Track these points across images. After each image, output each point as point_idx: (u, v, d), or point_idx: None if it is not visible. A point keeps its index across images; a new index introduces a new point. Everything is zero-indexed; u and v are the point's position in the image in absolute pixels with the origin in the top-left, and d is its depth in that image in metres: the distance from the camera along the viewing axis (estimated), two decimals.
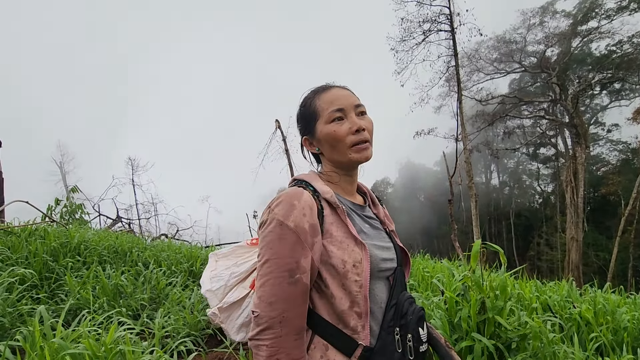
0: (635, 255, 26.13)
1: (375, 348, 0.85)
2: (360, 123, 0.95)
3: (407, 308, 0.90)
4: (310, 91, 1.05)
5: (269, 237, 0.84)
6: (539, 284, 3.72)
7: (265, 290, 0.81)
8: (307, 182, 0.96)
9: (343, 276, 0.85)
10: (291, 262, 0.81)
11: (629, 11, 24.71)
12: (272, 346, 0.78)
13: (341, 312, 0.85)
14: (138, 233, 9.88)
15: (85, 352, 1.66)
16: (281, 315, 0.79)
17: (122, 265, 4.60)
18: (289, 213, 0.84)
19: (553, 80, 28.24)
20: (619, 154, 32.77)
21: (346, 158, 0.97)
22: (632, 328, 2.57)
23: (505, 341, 1.85)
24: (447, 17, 16.82)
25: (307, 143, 1.06)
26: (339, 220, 0.91)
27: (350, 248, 0.87)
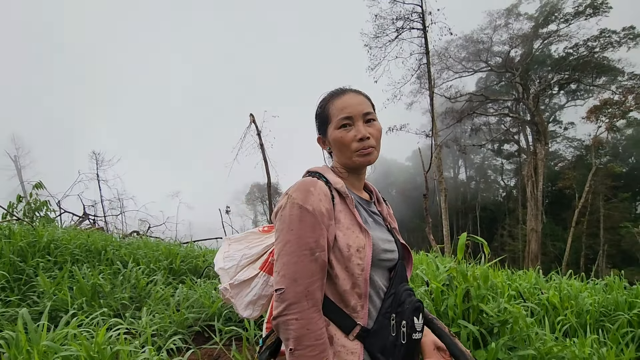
0: (587, 244, 28.25)
1: (371, 330, 0.93)
2: (364, 132, 1.02)
3: (405, 298, 0.98)
4: (327, 94, 1.12)
5: (289, 219, 0.91)
6: (509, 273, 3.98)
7: (290, 268, 0.87)
8: (320, 173, 1.04)
9: (347, 259, 0.92)
10: (311, 241, 0.88)
11: (585, 16, 26.36)
12: (301, 319, 0.83)
13: (343, 292, 0.92)
14: (110, 230, 9.48)
15: (79, 353, 1.62)
16: (306, 290, 0.85)
17: (97, 264, 4.43)
18: (307, 198, 0.91)
19: (516, 79, 29.70)
20: (574, 150, 35.13)
21: (350, 161, 1.05)
22: (593, 311, 2.84)
23: (487, 327, 2.00)
24: (419, 16, 17.24)
25: (321, 142, 1.15)
26: (347, 209, 0.99)
27: (355, 234, 0.95)
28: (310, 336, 0.83)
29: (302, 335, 0.83)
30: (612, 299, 2.94)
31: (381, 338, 0.92)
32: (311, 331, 0.84)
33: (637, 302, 2.89)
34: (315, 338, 0.84)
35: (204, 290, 3.41)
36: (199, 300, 3.22)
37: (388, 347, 0.91)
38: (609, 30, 25.58)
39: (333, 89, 1.12)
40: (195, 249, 6.39)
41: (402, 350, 0.92)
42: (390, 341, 0.92)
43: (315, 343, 0.83)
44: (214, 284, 3.80)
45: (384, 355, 0.91)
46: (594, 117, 27.65)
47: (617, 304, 2.90)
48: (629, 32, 25.11)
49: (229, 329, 2.87)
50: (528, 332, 2.06)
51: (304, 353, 0.82)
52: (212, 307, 3.05)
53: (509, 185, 42.31)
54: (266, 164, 15.29)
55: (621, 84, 26.46)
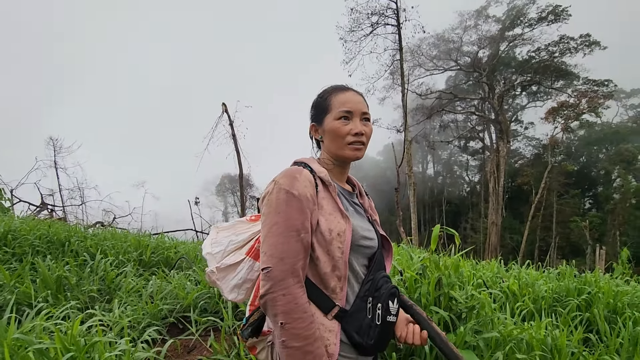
0: (541, 237, 30.26)
1: (349, 311, 0.99)
2: (361, 128, 1.09)
3: (382, 284, 1.05)
4: (330, 87, 1.17)
5: (276, 203, 0.95)
6: (474, 263, 4.23)
7: (277, 248, 0.92)
8: (305, 163, 1.09)
9: (329, 243, 0.98)
10: (298, 223, 0.93)
11: (547, 22, 27.83)
12: (288, 294, 0.88)
13: (324, 274, 0.98)
14: (72, 221, 8.99)
15: (54, 346, 1.57)
16: (292, 268, 0.91)
17: (60, 256, 4.23)
18: (293, 183, 0.96)
19: (483, 79, 30.96)
20: (532, 149, 37.33)
21: (341, 152, 1.11)
22: (548, 297, 3.10)
23: (456, 312, 2.15)
24: (394, 12, 17.48)
25: (314, 129, 1.19)
26: (330, 196, 1.05)
27: (336, 220, 1.01)
28: (298, 309, 0.89)
29: (290, 310, 0.88)
30: (564, 286, 3.22)
31: (358, 319, 0.99)
32: (298, 305, 0.89)
33: (585, 288, 3.18)
34: (302, 311, 0.89)
35: (178, 282, 3.36)
36: (173, 292, 3.17)
37: (364, 328, 0.98)
38: (568, 36, 27.19)
39: (336, 84, 1.17)
40: (166, 240, 6.23)
41: (377, 331, 0.99)
42: (366, 322, 0.99)
43: (304, 315, 0.89)
44: (188, 275, 3.75)
45: (359, 334, 0.98)
46: (552, 118, 29.45)
47: (568, 290, 3.18)
48: (585, 40, 26.81)
49: (205, 320, 2.86)
50: (492, 317, 2.23)
51: (295, 325, 0.87)
52: (187, 298, 3.02)
53: (473, 180, 44.35)
54: (238, 155, 15.00)
55: (576, 87, 28.32)
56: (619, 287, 3.18)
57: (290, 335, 0.87)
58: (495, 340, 2.07)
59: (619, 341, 2.47)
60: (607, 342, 2.52)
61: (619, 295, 3.02)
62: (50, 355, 1.56)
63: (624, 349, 2.39)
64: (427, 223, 43.04)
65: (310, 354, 0.87)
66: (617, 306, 2.94)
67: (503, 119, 30.57)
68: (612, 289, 3.08)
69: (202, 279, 3.44)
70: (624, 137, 33.65)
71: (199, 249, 5.95)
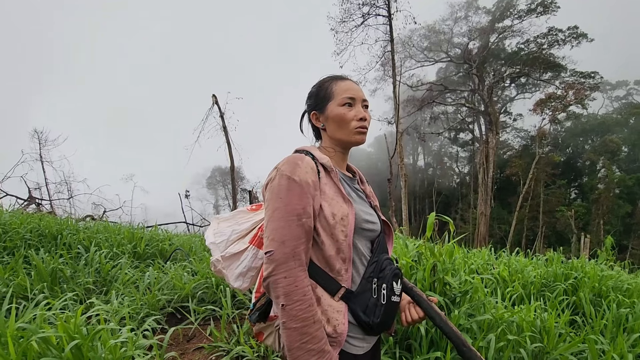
0: (528, 227, 30.92)
1: (355, 292, 1.03)
2: (364, 114, 1.14)
3: (385, 265, 1.10)
4: (327, 76, 1.19)
5: (278, 189, 0.98)
6: (465, 251, 4.33)
7: (278, 232, 0.95)
8: (307, 150, 1.12)
9: (332, 227, 1.00)
10: (298, 208, 0.96)
11: (536, 14, 28.04)
12: (289, 277, 0.92)
13: (329, 257, 1.01)
14: (61, 215, 8.85)
15: (58, 334, 1.58)
16: (293, 251, 0.94)
17: (53, 250, 4.19)
18: (295, 170, 0.99)
19: (473, 71, 31.14)
20: (521, 140, 37.88)
21: (348, 137, 1.14)
22: (537, 282, 3.21)
23: (450, 297, 2.22)
24: (385, 2, 17.38)
25: (315, 118, 1.20)
26: (332, 182, 1.08)
27: (339, 204, 1.03)
28: (298, 292, 0.92)
29: (291, 292, 0.91)
30: (552, 271, 3.34)
31: (364, 299, 1.03)
32: (299, 287, 0.92)
33: (572, 273, 3.31)
34: (302, 294, 0.92)
35: (175, 273, 3.37)
36: (171, 282, 3.19)
37: (370, 307, 1.03)
38: (556, 28, 27.45)
39: (333, 74, 1.20)
40: (159, 232, 6.21)
41: (382, 310, 1.04)
42: (371, 302, 1.03)
43: (303, 298, 0.92)
44: (185, 266, 3.76)
45: (366, 314, 1.02)
46: (540, 109, 29.85)
47: (555, 275, 3.30)
48: (573, 32, 27.11)
49: (203, 309, 2.89)
50: (484, 301, 2.31)
51: (294, 307, 0.91)
52: (184, 288, 3.04)
53: (463, 172, 44.89)
54: (229, 147, 14.85)
55: (564, 79, 28.69)
56: (603, 272, 3.31)
57: (290, 317, 0.91)
58: (487, 323, 2.15)
59: (604, 322, 2.58)
60: (592, 324, 2.64)
61: (603, 280, 3.14)
62: (53, 343, 1.57)
63: (608, 329, 2.50)
64: (417, 214, 43.55)
65: (308, 335, 0.90)
66: (602, 290, 3.06)
67: (492, 111, 30.88)
68: (598, 274, 3.20)
69: (199, 270, 3.46)
70: (609, 128, 34.40)
71: (193, 241, 5.96)
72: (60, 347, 1.56)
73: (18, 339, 1.67)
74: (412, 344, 2.12)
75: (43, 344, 1.60)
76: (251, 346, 2.33)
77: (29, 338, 1.61)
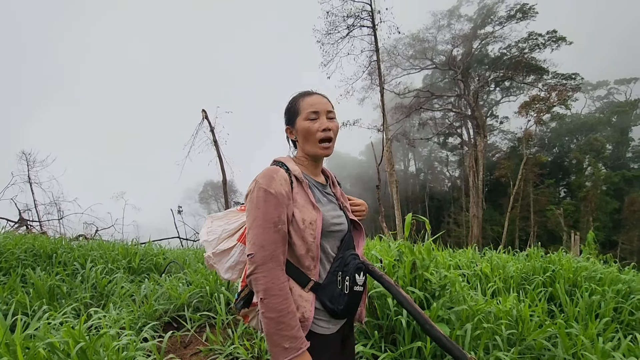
0: (520, 227, 31.32)
1: (322, 284, 1.20)
2: (327, 124, 1.28)
3: (349, 260, 1.27)
4: (297, 93, 1.36)
5: (257, 200, 1.13)
6: (451, 251, 4.51)
7: (258, 237, 1.10)
8: (282, 162, 1.28)
9: (302, 230, 1.17)
10: (274, 217, 1.12)
11: (515, 19, 28.98)
12: (267, 275, 1.08)
13: (299, 256, 1.18)
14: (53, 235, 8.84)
15: (65, 339, 1.69)
16: (271, 254, 1.10)
17: (49, 268, 4.25)
18: (270, 183, 1.14)
19: (458, 77, 31.86)
20: (508, 142, 38.60)
21: (314, 149, 1.30)
22: (516, 276, 3.38)
23: (430, 292, 2.37)
24: (369, 14, 17.86)
25: (289, 131, 1.37)
26: (303, 191, 1.24)
27: (309, 211, 1.19)
28: (275, 288, 1.08)
29: (269, 288, 1.07)
30: (531, 265, 3.52)
31: (330, 289, 1.20)
32: (275, 284, 1.08)
33: (549, 267, 3.49)
34: (279, 289, 1.09)
35: (170, 284, 3.48)
36: (167, 293, 3.29)
37: (335, 296, 1.20)
38: (536, 33, 28.36)
39: (303, 90, 1.36)
40: (153, 247, 6.28)
41: (345, 299, 1.22)
42: (336, 292, 1.21)
43: (279, 293, 1.08)
44: (180, 278, 3.86)
45: (331, 302, 1.20)
46: (525, 111, 30.54)
47: (534, 269, 3.48)
48: (552, 35, 28.01)
49: (199, 317, 3.00)
50: (463, 293, 2.47)
51: (271, 300, 1.07)
52: (180, 298, 3.15)
53: (454, 175, 45.44)
54: (221, 161, 14.92)
55: (546, 82, 29.48)
56: (578, 263, 3.50)
57: (267, 308, 1.07)
58: (466, 314, 2.31)
59: (577, 310, 2.76)
60: (567, 312, 2.81)
61: (578, 271, 3.33)
62: (59, 348, 1.68)
63: (581, 316, 2.68)
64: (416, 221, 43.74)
65: (282, 323, 1.07)
66: (577, 280, 3.24)
67: (479, 115, 31.55)
68: (572, 266, 3.39)
69: (194, 280, 3.57)
70: (593, 127, 35.31)
71: (187, 254, 6.04)
72: (66, 352, 1.67)
73: (25, 348, 1.77)
74: (396, 337, 2.27)
75: (50, 352, 1.71)
76: (246, 347, 2.45)
77: (36, 346, 1.72)
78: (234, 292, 3.31)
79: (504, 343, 2.17)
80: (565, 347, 2.14)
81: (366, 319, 2.43)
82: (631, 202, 26.88)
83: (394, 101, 31.43)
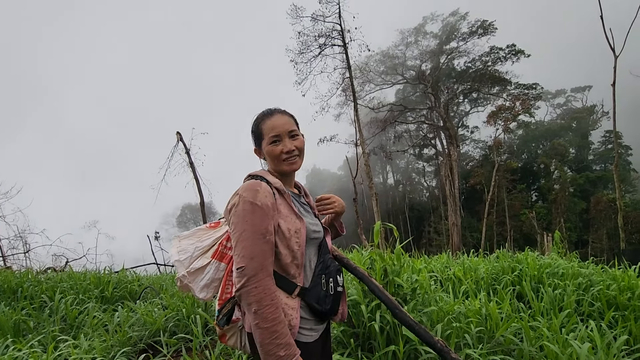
0: (498, 232, 32.22)
1: (308, 288, 1.25)
2: (290, 146, 1.32)
3: (329, 263, 1.35)
4: (260, 114, 1.40)
5: (243, 213, 1.15)
6: (427, 257, 4.63)
7: (247, 250, 1.12)
8: (261, 176, 1.31)
9: (288, 239, 1.21)
10: (262, 228, 1.14)
11: (477, 35, 30.72)
12: (259, 286, 1.09)
13: (285, 265, 1.21)
14: (19, 268, 8.38)
15: None
16: (261, 265, 1.12)
17: (14, 303, 4.05)
18: (256, 195, 1.17)
19: (429, 90, 33.13)
20: (480, 150, 40.14)
21: (280, 168, 1.36)
22: (487, 277, 3.52)
23: (402, 296, 2.45)
24: (339, 33, 18.49)
25: (257, 152, 1.42)
26: (285, 202, 1.29)
27: (293, 220, 1.24)
28: (267, 298, 1.10)
29: (262, 299, 1.09)
30: (499, 266, 3.68)
31: (316, 292, 1.26)
32: (267, 294, 1.11)
33: (517, 266, 3.66)
34: (271, 299, 1.12)
35: (145, 310, 3.39)
36: (141, 319, 3.21)
37: (321, 298, 1.27)
38: (497, 47, 30.09)
39: (264, 110, 1.40)
40: (127, 275, 6.08)
41: (331, 299, 1.29)
42: (322, 294, 1.27)
43: (272, 302, 1.11)
44: (155, 303, 3.77)
45: (319, 304, 1.26)
46: (493, 121, 32.01)
47: (503, 269, 3.63)
48: (511, 49, 29.78)
49: (175, 342, 2.94)
50: (434, 296, 2.56)
51: (265, 310, 1.09)
52: (155, 323, 3.08)
53: (431, 185, 46.53)
54: (198, 183, 14.68)
55: (510, 92, 31.15)
56: (541, 261, 3.69)
57: (262, 319, 1.08)
58: (437, 315, 2.39)
59: (542, 305, 2.90)
60: (534, 307, 2.95)
61: (542, 268, 3.50)
62: None
63: (546, 310, 2.82)
64: (392, 231, 44.14)
65: (277, 332, 1.09)
66: (542, 277, 3.41)
67: (450, 126, 32.78)
68: (537, 264, 3.57)
69: (170, 304, 3.50)
70: (556, 133, 37.29)
71: (164, 279, 5.88)
72: None
73: None
74: (372, 344, 2.31)
75: None
76: None
77: None
78: (211, 313, 3.26)
79: (474, 340, 2.26)
80: (529, 340, 2.25)
81: (342, 327, 2.47)
82: (597, 201, 28.28)
83: (369, 116, 32.22)
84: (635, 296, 2.96)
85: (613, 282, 3.19)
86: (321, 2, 17.32)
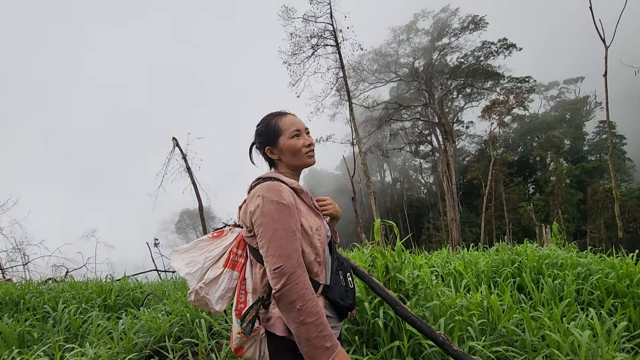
0: (497, 226, 32.35)
1: (330, 285, 1.25)
2: (311, 140, 1.40)
3: (342, 260, 1.39)
4: (270, 114, 1.42)
5: (271, 213, 1.15)
6: (427, 253, 4.66)
7: (282, 248, 1.12)
8: (275, 177, 1.32)
9: (311, 237, 1.22)
10: (292, 226, 1.16)
11: (469, 31, 30.89)
12: (300, 282, 1.10)
13: (308, 263, 1.21)
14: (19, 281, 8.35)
15: None
16: (298, 261, 1.12)
17: (17, 315, 4.05)
18: (280, 194, 1.18)
19: (422, 87, 33.25)
20: (476, 145, 40.29)
21: (302, 162, 1.38)
22: (487, 270, 3.55)
23: (404, 292, 2.48)
24: (331, 33, 18.51)
25: (270, 152, 1.39)
26: (303, 201, 1.31)
27: (313, 218, 1.27)
28: (309, 292, 1.10)
29: (304, 294, 1.09)
30: (499, 259, 3.71)
31: (338, 288, 1.27)
32: (308, 289, 1.11)
33: (517, 258, 3.69)
34: (311, 293, 1.12)
35: (149, 316, 3.40)
36: (146, 325, 3.22)
37: (343, 293, 1.28)
38: (489, 42, 30.25)
39: (273, 112, 1.43)
40: (129, 282, 6.07)
41: (352, 294, 1.32)
42: (343, 289, 1.29)
43: (313, 297, 1.12)
44: (159, 309, 3.78)
45: (342, 299, 1.26)
46: (487, 115, 32.13)
47: (503, 262, 3.67)
48: (503, 43, 29.95)
49: (180, 346, 2.95)
50: (436, 290, 2.59)
51: (309, 305, 1.08)
52: (160, 329, 3.09)
53: (429, 182, 46.67)
54: (195, 188, 14.64)
55: (503, 86, 31.32)
56: (540, 252, 3.73)
57: (307, 314, 1.07)
58: (438, 308, 2.42)
59: (543, 295, 2.93)
60: (534, 298, 2.98)
61: (541, 259, 3.54)
62: None
63: (547, 300, 2.85)
64: (392, 228, 44.21)
65: (322, 324, 1.10)
66: (542, 268, 3.45)
67: (445, 121, 32.90)
68: (536, 255, 3.61)
69: (174, 309, 3.50)
70: (550, 125, 37.52)
71: (166, 285, 5.88)
72: None
73: None
74: (377, 340, 2.34)
75: None
76: None
77: None
78: (215, 316, 3.28)
79: (477, 332, 2.29)
80: (531, 330, 2.28)
81: (346, 325, 2.49)
82: (593, 192, 28.48)
83: (364, 114, 32.29)
84: (634, 283, 3.00)
85: (611, 271, 3.24)
86: (312, 3, 17.31)
